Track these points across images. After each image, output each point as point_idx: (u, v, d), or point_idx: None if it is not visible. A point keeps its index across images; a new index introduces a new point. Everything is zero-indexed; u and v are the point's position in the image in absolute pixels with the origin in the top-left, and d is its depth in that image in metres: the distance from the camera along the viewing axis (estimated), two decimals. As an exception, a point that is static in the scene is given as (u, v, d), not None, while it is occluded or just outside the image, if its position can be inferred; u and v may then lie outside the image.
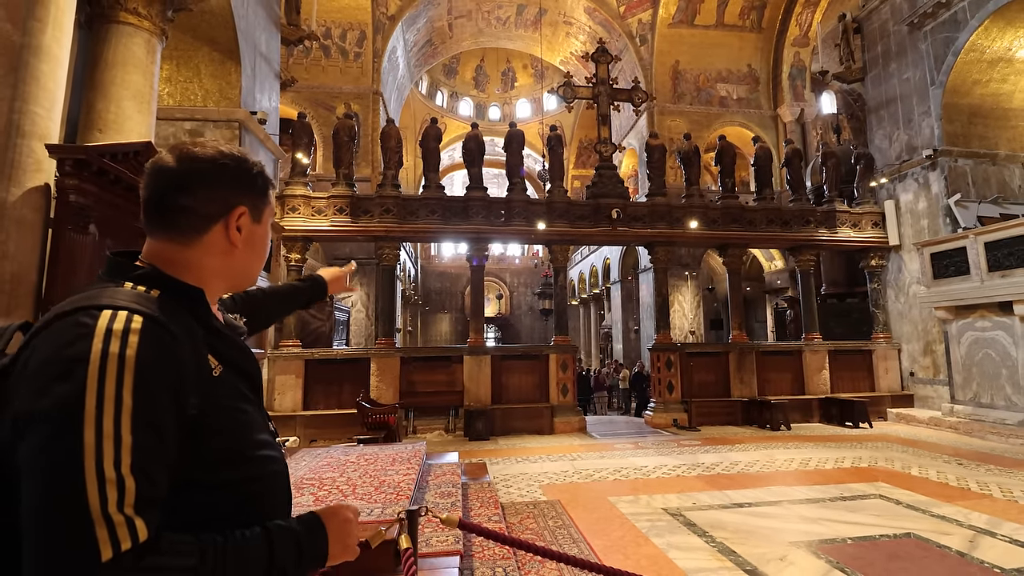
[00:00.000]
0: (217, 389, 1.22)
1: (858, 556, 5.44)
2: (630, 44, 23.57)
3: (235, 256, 1.37)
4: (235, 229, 1.34)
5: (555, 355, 14.89)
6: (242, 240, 1.36)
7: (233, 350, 1.34)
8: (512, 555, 4.94)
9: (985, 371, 12.61)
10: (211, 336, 1.28)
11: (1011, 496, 7.60)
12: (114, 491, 0.99)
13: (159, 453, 1.06)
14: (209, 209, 1.31)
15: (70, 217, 5.43)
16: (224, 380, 1.26)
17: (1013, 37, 13.91)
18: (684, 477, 9.10)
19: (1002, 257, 11.92)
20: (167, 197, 1.28)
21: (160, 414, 1.07)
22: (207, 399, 1.18)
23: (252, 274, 1.47)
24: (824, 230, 16.50)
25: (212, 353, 1.25)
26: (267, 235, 1.46)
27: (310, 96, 21.47)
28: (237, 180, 1.35)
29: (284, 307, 2.33)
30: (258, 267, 1.47)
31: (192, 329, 1.22)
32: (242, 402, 1.30)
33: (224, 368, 1.27)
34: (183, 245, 1.30)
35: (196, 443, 1.14)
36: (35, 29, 5.36)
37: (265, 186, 1.42)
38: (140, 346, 1.07)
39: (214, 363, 1.24)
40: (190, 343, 1.18)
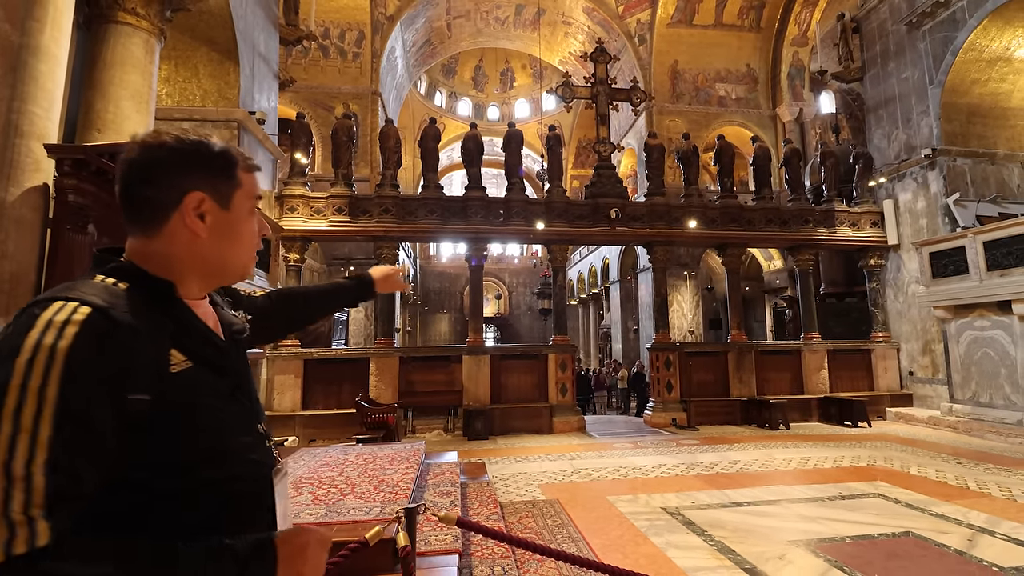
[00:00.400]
0: (177, 385, 1.16)
1: (857, 555, 5.44)
2: (629, 44, 23.58)
3: (202, 246, 1.29)
4: (195, 217, 1.26)
5: (554, 355, 14.89)
6: (208, 228, 1.28)
7: (207, 347, 1.28)
8: (511, 554, 4.94)
9: (984, 370, 12.61)
10: (181, 331, 1.23)
11: (1010, 495, 7.61)
12: (20, 492, 0.94)
13: (84, 448, 1.00)
14: (165, 197, 1.25)
15: (69, 217, 5.43)
16: (189, 376, 1.19)
17: (1012, 36, 13.92)
18: (683, 476, 9.10)
19: (1001, 256, 11.91)
20: (131, 189, 1.25)
21: (91, 408, 1.01)
22: (162, 395, 1.12)
23: (233, 265, 1.37)
24: (823, 230, 16.50)
25: (179, 348, 1.20)
26: (244, 222, 1.36)
27: (309, 96, 21.48)
28: (192, 164, 1.27)
29: (326, 306, 2.23)
30: (238, 258, 1.37)
31: (156, 323, 1.17)
32: (213, 400, 1.24)
33: (194, 364, 1.21)
34: (150, 237, 1.26)
35: (145, 441, 1.09)
36: (33, 29, 5.36)
37: (227, 167, 1.32)
38: (76, 337, 1.02)
39: (180, 358, 1.19)
40: (147, 336, 1.13)
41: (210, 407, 1.23)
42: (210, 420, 1.22)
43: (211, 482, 1.19)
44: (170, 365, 1.17)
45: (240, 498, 1.25)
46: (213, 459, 1.20)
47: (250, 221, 1.37)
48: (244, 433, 1.31)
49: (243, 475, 1.27)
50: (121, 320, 1.09)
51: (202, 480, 1.18)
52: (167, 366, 1.16)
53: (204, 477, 1.18)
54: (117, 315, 1.09)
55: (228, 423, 1.27)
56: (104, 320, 1.07)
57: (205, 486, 1.18)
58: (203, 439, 1.19)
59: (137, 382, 1.08)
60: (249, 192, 1.37)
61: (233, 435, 1.27)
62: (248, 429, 1.33)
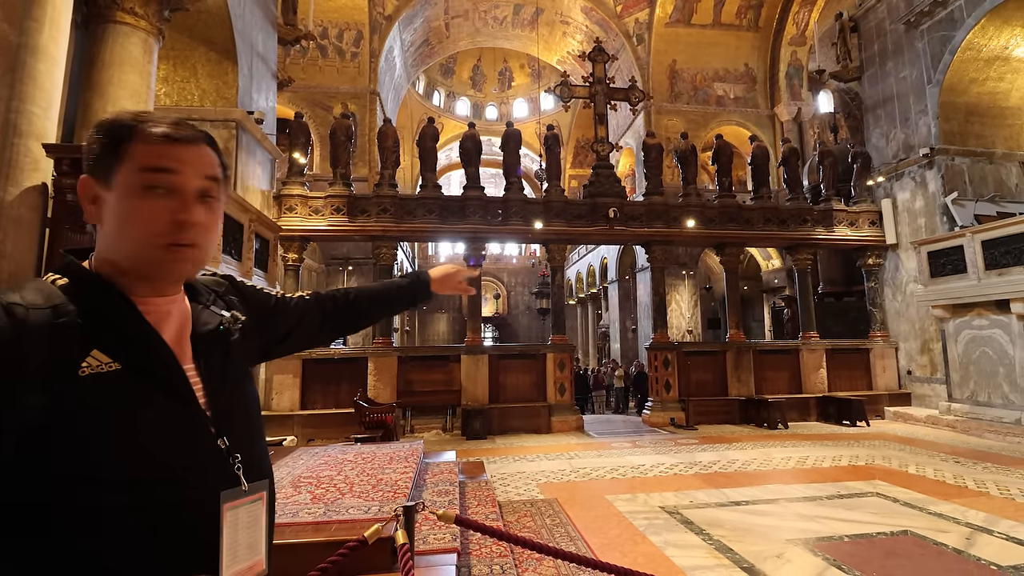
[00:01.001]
0: (89, 391, 1.05)
1: (855, 554, 5.44)
2: (627, 43, 23.59)
3: (105, 234, 1.18)
4: (87, 203, 1.19)
5: (552, 354, 14.89)
6: (99, 214, 1.18)
7: (143, 351, 1.15)
8: (509, 552, 4.94)
9: (982, 369, 12.63)
10: (106, 329, 1.12)
11: (1008, 494, 7.62)
12: None
13: None
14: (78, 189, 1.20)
15: (67, 216, 5.43)
16: (105, 379, 1.07)
17: (1010, 36, 13.94)
18: (681, 475, 9.10)
19: (999, 255, 11.93)
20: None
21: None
22: (66, 400, 1.03)
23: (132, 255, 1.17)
24: (821, 229, 16.51)
25: (101, 347, 1.09)
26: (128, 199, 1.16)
27: (307, 96, 21.47)
28: (87, 149, 1.19)
29: (379, 308, 2.02)
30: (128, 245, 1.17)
31: (74, 319, 1.09)
32: (136, 408, 1.10)
33: (120, 366, 1.10)
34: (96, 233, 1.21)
35: (41, 453, 1.01)
36: (32, 29, 5.36)
37: (109, 142, 1.17)
38: None
39: (102, 360, 1.08)
40: (53, 334, 1.05)
41: (127, 414, 1.08)
42: (125, 429, 1.07)
43: (118, 505, 1.04)
44: (81, 367, 1.06)
45: (158, 526, 1.08)
46: (125, 476, 1.05)
47: (139, 200, 1.15)
48: (185, 451, 1.15)
49: (166, 499, 1.09)
50: (22, 316, 1.03)
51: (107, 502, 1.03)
52: (76, 368, 1.05)
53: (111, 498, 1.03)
54: (21, 311, 1.04)
55: (153, 434, 1.10)
56: (3, 317, 1.02)
57: (110, 509, 1.03)
58: (114, 451, 1.05)
59: (30, 382, 1.00)
60: (139, 163, 1.16)
61: (159, 448, 1.11)
62: (194, 446, 1.17)
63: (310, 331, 1.76)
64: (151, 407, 1.12)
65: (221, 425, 1.22)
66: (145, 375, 1.13)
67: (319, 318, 1.76)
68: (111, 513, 1.03)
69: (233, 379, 1.32)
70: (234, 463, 1.21)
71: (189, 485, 1.12)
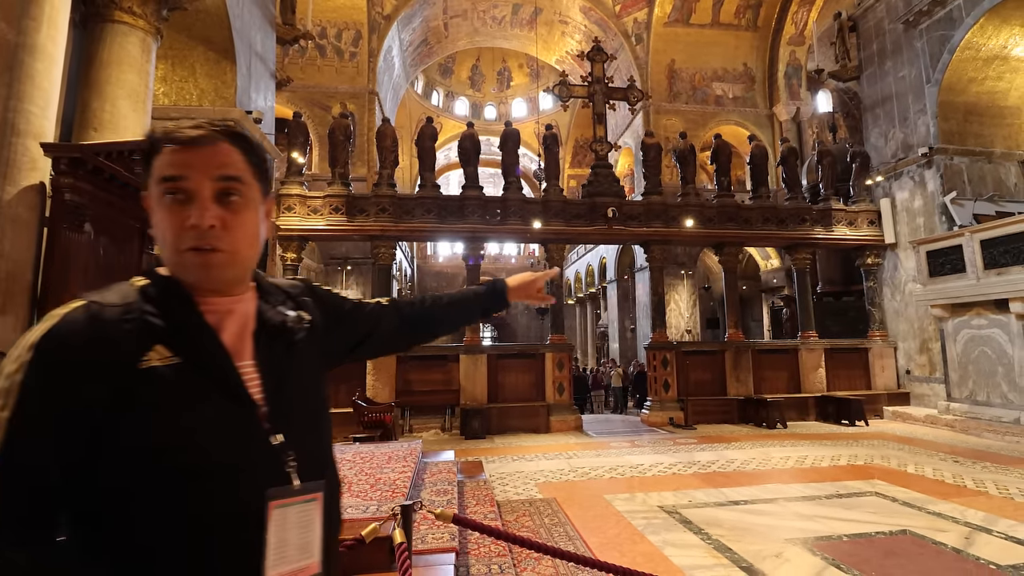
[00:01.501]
0: (149, 382, 1.09)
1: (854, 553, 5.44)
2: (626, 43, 23.60)
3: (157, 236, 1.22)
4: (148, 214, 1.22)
5: (551, 354, 14.89)
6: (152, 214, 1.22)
7: (199, 346, 1.18)
8: (508, 552, 4.94)
9: (981, 369, 12.63)
10: (174, 328, 1.16)
11: (1007, 493, 7.62)
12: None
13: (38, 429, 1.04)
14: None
15: (65, 215, 5.42)
16: (167, 374, 1.11)
17: (1008, 35, 13.94)
18: (680, 475, 9.10)
19: (998, 255, 11.93)
20: None
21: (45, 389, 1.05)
22: (128, 390, 1.08)
23: (169, 262, 1.22)
24: (820, 228, 16.52)
25: (167, 344, 1.13)
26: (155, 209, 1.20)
27: (306, 96, 21.46)
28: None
29: (456, 316, 1.97)
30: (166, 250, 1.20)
31: (144, 316, 1.14)
32: (196, 403, 1.13)
33: (182, 362, 1.14)
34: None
35: (111, 436, 1.06)
36: (30, 28, 5.36)
37: (148, 155, 1.23)
38: (46, 331, 1.08)
39: (164, 354, 1.12)
40: (122, 329, 1.11)
41: (184, 408, 1.12)
42: (181, 422, 1.11)
43: (171, 497, 1.08)
44: (143, 359, 1.10)
45: (207, 520, 1.10)
46: (178, 468, 1.08)
47: (165, 209, 1.19)
48: (235, 445, 1.16)
49: (216, 493, 1.11)
50: (96, 313, 1.11)
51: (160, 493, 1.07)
52: (138, 360, 1.10)
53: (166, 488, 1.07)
54: (96, 308, 1.11)
55: (207, 429, 1.13)
56: (82, 313, 1.10)
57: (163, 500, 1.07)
58: (170, 442, 1.09)
59: (97, 372, 1.07)
60: (156, 176, 1.21)
61: (214, 444, 1.13)
62: (246, 441, 1.18)
63: (387, 337, 1.77)
64: (205, 402, 1.15)
65: (277, 422, 1.22)
66: (202, 371, 1.17)
67: (396, 324, 1.77)
68: (164, 505, 1.07)
69: (296, 377, 1.33)
70: (287, 461, 1.21)
71: (239, 481, 1.14)
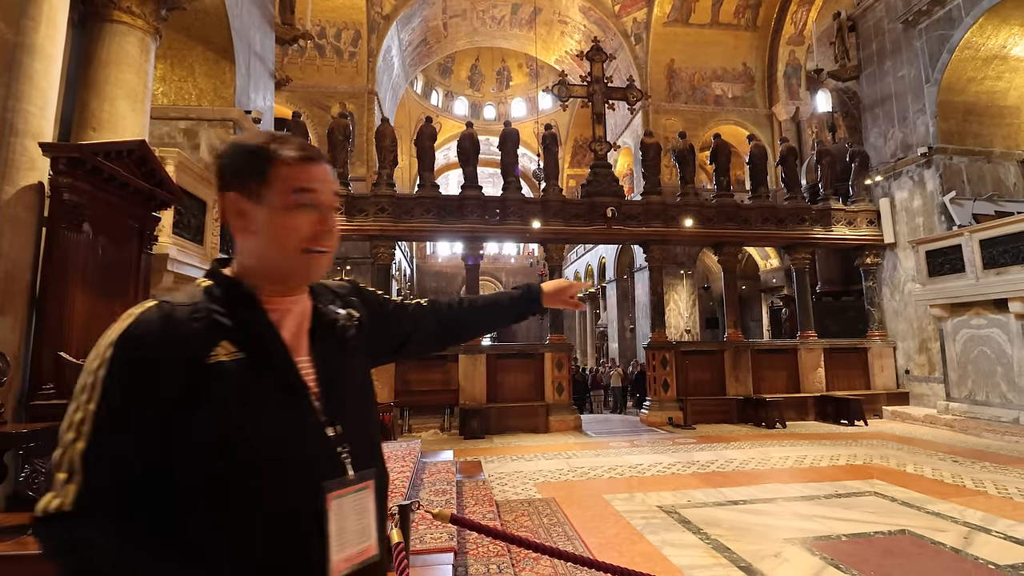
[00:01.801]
0: (217, 377, 1.17)
1: (853, 553, 5.44)
2: (625, 43, 23.60)
3: (250, 244, 1.32)
4: (234, 216, 1.31)
5: (550, 354, 14.89)
6: (246, 227, 1.30)
7: (262, 343, 1.26)
8: (506, 552, 4.94)
9: (980, 369, 12.64)
10: (238, 325, 1.25)
11: (1006, 493, 7.62)
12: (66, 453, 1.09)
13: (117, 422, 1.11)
14: (221, 204, 1.34)
15: (64, 215, 5.42)
16: (233, 370, 1.19)
17: (1008, 35, 13.94)
18: (679, 475, 9.11)
19: (997, 255, 11.93)
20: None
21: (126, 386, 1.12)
22: (199, 385, 1.15)
23: (281, 260, 1.31)
24: (819, 228, 16.52)
25: (232, 340, 1.22)
26: (280, 215, 1.29)
27: (305, 95, 21.46)
28: (227, 167, 1.33)
29: (491, 319, 2.03)
30: (282, 251, 1.30)
31: (211, 315, 1.23)
32: (259, 397, 1.22)
33: (246, 358, 1.22)
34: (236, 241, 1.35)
35: (183, 429, 1.13)
36: (28, 28, 5.35)
37: (256, 162, 1.30)
38: (125, 329, 1.16)
39: (229, 350, 1.21)
40: (190, 327, 1.20)
41: (249, 402, 1.20)
42: (246, 415, 1.19)
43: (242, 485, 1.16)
44: (210, 355, 1.19)
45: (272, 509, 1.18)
46: (246, 459, 1.17)
47: (290, 215, 1.30)
48: (296, 437, 1.25)
49: (280, 483, 1.20)
50: (169, 312, 1.20)
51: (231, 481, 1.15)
52: (206, 356, 1.19)
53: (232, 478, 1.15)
54: (168, 307, 1.21)
55: (270, 422, 1.22)
56: (155, 312, 1.19)
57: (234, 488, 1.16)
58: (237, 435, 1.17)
59: (172, 367, 1.15)
60: (288, 184, 1.30)
61: (276, 437, 1.22)
62: (305, 434, 1.27)
63: (426, 337, 1.85)
64: (268, 396, 1.24)
65: (332, 415, 1.31)
66: (264, 366, 1.25)
67: (434, 325, 1.84)
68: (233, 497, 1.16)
69: (348, 373, 1.42)
70: (342, 452, 1.30)
71: (301, 471, 1.23)
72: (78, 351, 5.28)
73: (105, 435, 1.09)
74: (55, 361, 5.15)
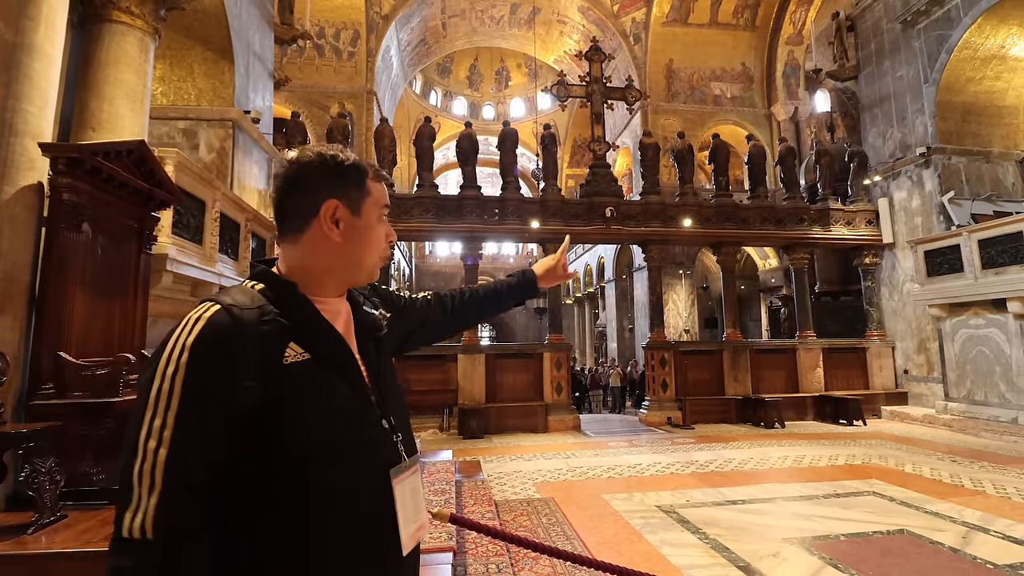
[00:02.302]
0: (289, 376, 1.24)
1: (851, 552, 5.45)
2: (624, 43, 23.58)
3: (339, 250, 1.39)
4: (331, 223, 1.37)
5: (549, 354, 14.90)
6: (342, 233, 1.38)
7: (327, 343, 1.34)
8: (505, 551, 4.95)
9: (979, 368, 12.65)
10: (301, 326, 1.31)
11: (1004, 493, 7.64)
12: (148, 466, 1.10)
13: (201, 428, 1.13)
14: (306, 208, 1.37)
15: (63, 215, 5.41)
16: (302, 368, 1.26)
17: (1006, 34, 13.95)
18: (678, 475, 9.12)
19: (996, 255, 11.95)
20: (282, 203, 1.41)
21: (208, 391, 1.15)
22: (273, 385, 1.21)
23: (363, 267, 1.45)
24: (818, 228, 16.53)
25: (296, 341, 1.28)
26: (373, 226, 1.44)
27: (304, 95, 21.43)
28: (328, 176, 1.38)
29: (491, 306, 2.16)
30: (369, 258, 1.45)
31: (276, 317, 1.28)
32: (330, 395, 1.30)
33: (311, 358, 1.29)
34: (293, 244, 1.39)
35: (255, 433, 1.18)
36: (27, 28, 5.35)
37: (358, 177, 1.42)
38: (200, 331, 1.17)
39: (297, 351, 1.27)
40: (263, 329, 1.24)
41: (321, 399, 1.28)
42: (321, 412, 1.27)
43: (322, 477, 1.23)
44: (284, 356, 1.25)
45: (351, 495, 1.28)
46: (323, 453, 1.24)
47: (379, 227, 1.46)
48: (362, 429, 1.34)
49: (355, 471, 1.29)
50: (240, 315, 1.22)
51: (312, 475, 1.22)
52: (280, 357, 1.25)
53: (314, 472, 1.22)
54: (238, 311, 1.22)
55: (341, 416, 1.30)
56: (225, 315, 1.21)
57: (315, 481, 1.22)
58: (314, 432, 1.24)
59: (249, 370, 1.19)
60: (377, 200, 1.46)
61: (348, 431, 1.30)
62: (368, 426, 1.36)
63: (432, 328, 1.96)
64: (337, 392, 1.32)
65: (384, 408, 1.42)
66: (330, 364, 1.33)
67: (440, 316, 1.95)
68: (312, 488, 1.22)
69: (386, 369, 1.52)
70: (397, 441, 1.42)
71: (367, 461, 1.33)
72: (77, 351, 5.28)
73: (190, 441, 1.12)
74: (54, 361, 5.15)
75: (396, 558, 1.33)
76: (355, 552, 1.27)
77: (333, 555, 1.22)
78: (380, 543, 1.31)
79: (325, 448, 1.25)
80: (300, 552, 1.19)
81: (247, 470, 1.18)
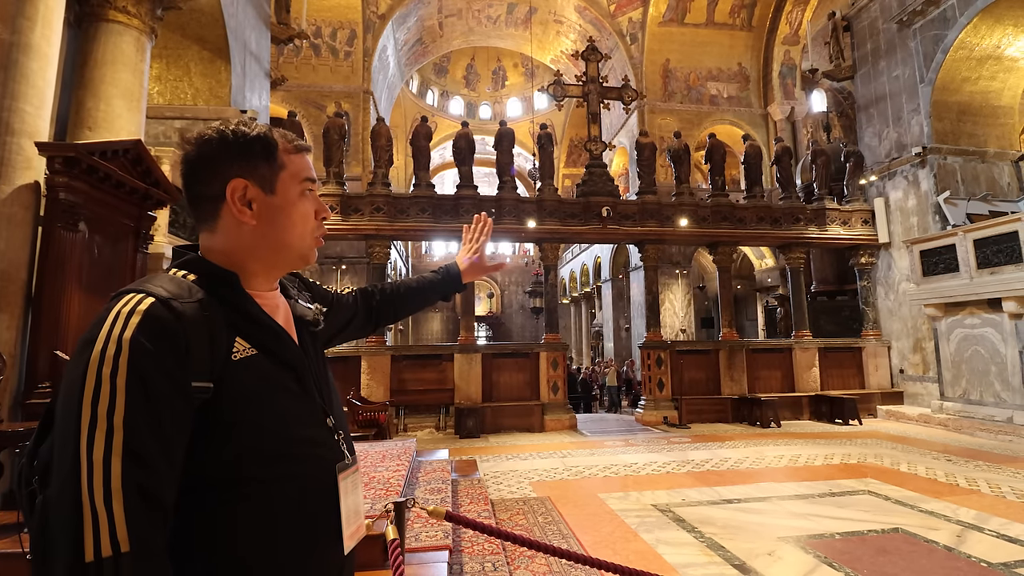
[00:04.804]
0: (239, 372, 1.17)
1: (846, 551, 5.47)
2: (620, 43, 23.59)
3: (257, 234, 1.29)
4: (241, 205, 1.27)
5: (546, 353, 14.91)
6: (256, 215, 1.28)
7: (269, 336, 1.27)
8: (501, 550, 4.95)
9: (974, 368, 12.68)
10: (243, 320, 1.24)
11: (999, 491, 7.66)
12: (100, 479, 0.97)
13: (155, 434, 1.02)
14: (212, 190, 1.27)
15: (60, 214, 5.42)
16: (252, 365, 1.20)
17: (1002, 35, 13.99)
18: (674, 474, 9.13)
19: (991, 254, 11.98)
20: (189, 188, 1.30)
21: (157, 392, 1.04)
22: (223, 382, 1.14)
23: (292, 249, 1.35)
24: (814, 228, 16.56)
25: (242, 336, 1.22)
26: (295, 203, 1.33)
27: (300, 95, 21.42)
28: (230, 154, 1.28)
29: (416, 301, 2.09)
30: (296, 240, 1.34)
31: (218, 311, 1.19)
32: (282, 392, 1.25)
33: (258, 353, 1.23)
34: (210, 231, 1.30)
35: (207, 433, 1.11)
36: (24, 27, 5.36)
37: (266, 151, 1.30)
38: (138, 326, 1.06)
39: (243, 346, 1.21)
40: (207, 324, 1.15)
41: (271, 397, 1.22)
42: (271, 410, 1.21)
43: (272, 477, 1.18)
44: (232, 352, 1.19)
45: (300, 495, 1.22)
46: (274, 452, 1.19)
47: (302, 203, 1.35)
48: (309, 426, 1.29)
49: (304, 470, 1.24)
50: (180, 309, 1.12)
51: (263, 474, 1.17)
52: (229, 353, 1.18)
53: (265, 471, 1.17)
54: (177, 304, 1.12)
55: (291, 414, 1.25)
56: (165, 309, 1.10)
57: (266, 481, 1.17)
58: (265, 430, 1.18)
59: (199, 368, 1.11)
60: (296, 174, 1.35)
61: (296, 427, 1.25)
62: (314, 422, 1.31)
63: (360, 324, 1.90)
64: (288, 390, 1.27)
65: (326, 405, 1.37)
66: (279, 361, 1.27)
67: (366, 312, 1.91)
68: (263, 488, 1.16)
69: (324, 366, 1.47)
70: (339, 439, 1.38)
71: (319, 458, 1.29)
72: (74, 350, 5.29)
73: (146, 444, 1.01)
74: (51, 359, 5.16)
75: (339, 555, 1.31)
76: (301, 552, 1.21)
77: (281, 555, 1.18)
78: (325, 542, 1.27)
79: (278, 446, 1.19)
80: (250, 554, 1.14)
81: (196, 471, 1.09)
